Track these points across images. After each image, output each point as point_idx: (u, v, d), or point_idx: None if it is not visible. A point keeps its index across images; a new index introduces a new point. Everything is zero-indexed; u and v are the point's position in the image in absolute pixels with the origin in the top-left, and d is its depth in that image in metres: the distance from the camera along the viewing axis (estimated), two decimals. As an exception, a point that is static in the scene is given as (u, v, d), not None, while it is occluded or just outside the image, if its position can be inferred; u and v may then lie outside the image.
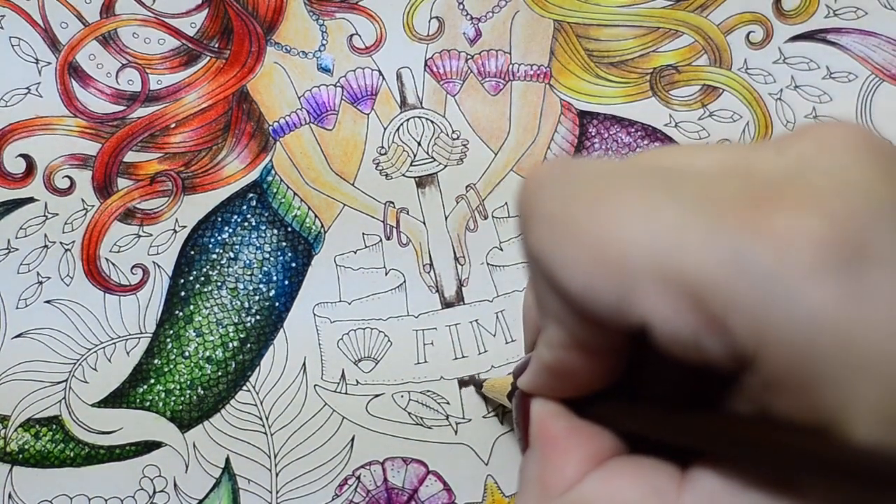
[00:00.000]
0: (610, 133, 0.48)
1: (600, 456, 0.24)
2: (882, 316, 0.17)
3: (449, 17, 0.49)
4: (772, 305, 0.18)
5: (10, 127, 0.47)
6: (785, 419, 0.19)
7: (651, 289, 0.19)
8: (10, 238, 0.46)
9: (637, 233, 0.19)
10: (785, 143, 0.21)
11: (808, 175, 0.19)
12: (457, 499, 0.43)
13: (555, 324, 0.23)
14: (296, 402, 0.44)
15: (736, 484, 0.20)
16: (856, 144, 0.20)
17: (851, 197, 0.18)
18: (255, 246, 0.46)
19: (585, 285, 0.20)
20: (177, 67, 0.48)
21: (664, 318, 0.19)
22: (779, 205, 0.18)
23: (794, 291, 0.18)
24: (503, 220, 0.46)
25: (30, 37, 0.49)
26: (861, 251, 0.18)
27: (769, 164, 0.20)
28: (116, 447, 0.43)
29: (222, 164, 0.47)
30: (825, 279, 0.17)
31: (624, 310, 0.20)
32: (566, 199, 0.21)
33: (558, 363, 0.24)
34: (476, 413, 0.44)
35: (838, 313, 0.17)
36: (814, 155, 0.20)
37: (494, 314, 0.45)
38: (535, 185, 0.22)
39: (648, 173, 0.21)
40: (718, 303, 0.18)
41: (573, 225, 0.20)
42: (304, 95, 0.48)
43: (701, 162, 0.21)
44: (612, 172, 0.21)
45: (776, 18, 0.49)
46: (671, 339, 0.19)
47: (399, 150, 0.47)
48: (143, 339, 0.45)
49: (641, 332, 0.20)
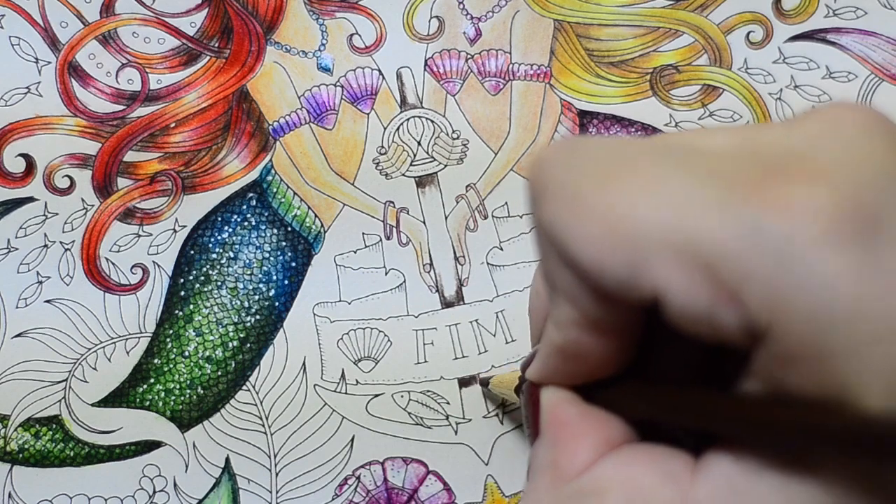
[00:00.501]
0: (610, 133, 0.48)
1: (613, 442, 0.24)
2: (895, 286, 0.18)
3: (449, 17, 0.49)
4: (785, 276, 0.18)
5: (10, 126, 0.47)
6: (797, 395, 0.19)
7: (664, 260, 0.19)
8: (10, 238, 0.46)
9: (650, 205, 0.19)
10: (796, 123, 0.21)
11: (821, 150, 0.19)
12: (457, 499, 0.43)
13: (566, 301, 0.22)
14: (296, 402, 0.44)
15: (750, 467, 0.20)
16: (867, 123, 0.20)
17: (864, 170, 0.18)
18: (255, 245, 0.46)
19: (598, 258, 0.20)
20: (177, 67, 0.48)
21: (678, 290, 0.19)
22: (792, 178, 0.18)
23: (807, 262, 0.18)
24: (503, 219, 0.46)
25: (30, 36, 0.49)
26: (874, 223, 0.18)
27: (781, 141, 0.20)
28: (116, 447, 0.43)
29: (222, 164, 0.47)
30: (838, 250, 0.18)
31: (636, 282, 0.20)
32: (579, 173, 0.21)
33: (569, 344, 0.23)
34: (476, 413, 0.44)
35: (851, 284, 0.17)
36: (825, 132, 0.20)
37: (494, 314, 0.45)
38: (548, 160, 0.22)
39: (661, 149, 0.21)
40: (732, 274, 0.18)
41: (586, 198, 0.20)
42: (304, 95, 0.48)
43: (713, 140, 0.21)
44: (624, 148, 0.21)
45: (776, 18, 0.49)
46: (684, 312, 0.19)
47: (399, 150, 0.47)
48: (143, 338, 0.45)
49: (653, 306, 0.20)
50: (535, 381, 0.27)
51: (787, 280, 0.18)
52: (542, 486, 0.24)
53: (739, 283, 0.18)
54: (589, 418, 0.24)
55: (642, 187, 0.20)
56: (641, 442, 0.24)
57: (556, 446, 0.24)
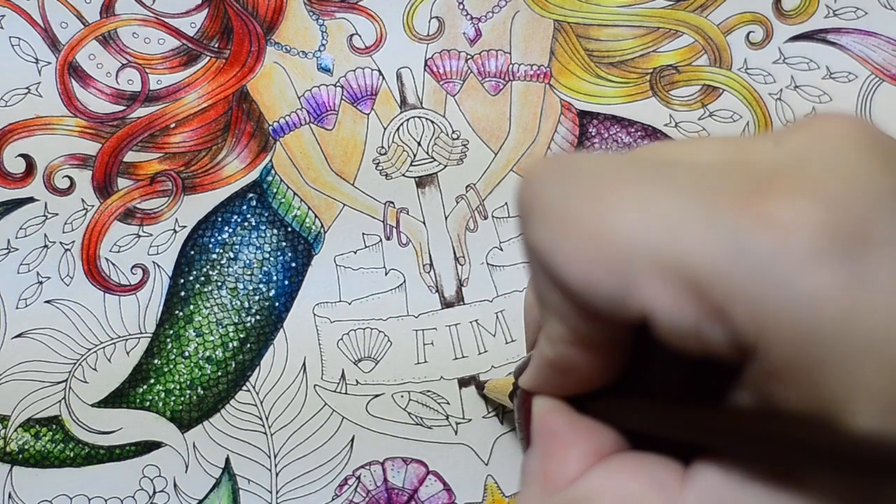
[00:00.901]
0: (610, 133, 0.48)
1: (602, 451, 0.24)
2: (882, 301, 0.17)
3: (449, 17, 0.49)
4: (772, 292, 0.18)
5: (10, 127, 0.47)
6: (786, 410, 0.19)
7: (651, 280, 0.19)
8: (10, 238, 0.46)
9: (636, 224, 0.19)
10: (784, 135, 0.21)
11: (807, 164, 0.19)
12: (457, 499, 0.43)
13: (556, 319, 0.23)
14: (296, 402, 0.44)
15: (738, 478, 0.20)
16: (855, 135, 0.20)
17: (851, 184, 0.18)
18: (255, 246, 0.46)
19: (585, 278, 0.20)
20: (177, 67, 0.48)
21: (665, 309, 0.19)
22: (778, 192, 0.18)
23: (794, 277, 0.18)
24: (503, 220, 0.46)
25: (30, 37, 0.49)
26: (861, 237, 0.18)
27: (768, 155, 0.20)
28: (116, 447, 0.43)
29: (222, 164, 0.47)
30: (825, 265, 0.17)
31: (624, 302, 0.20)
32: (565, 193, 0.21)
33: (560, 359, 0.24)
34: (476, 413, 0.44)
35: (839, 299, 0.17)
36: (813, 145, 0.20)
37: (494, 314, 0.45)
38: (535, 180, 0.22)
39: (646, 166, 0.21)
40: (719, 291, 0.18)
41: (572, 218, 0.20)
42: (303, 95, 0.48)
43: (699, 154, 0.21)
44: (610, 166, 0.21)
45: (776, 18, 0.49)
46: (672, 330, 0.19)
47: (399, 150, 0.47)
48: (143, 339, 0.45)
49: (642, 324, 0.20)
50: (527, 390, 0.27)
51: (773, 296, 0.18)
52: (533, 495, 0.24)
53: (726, 300, 0.18)
54: (579, 428, 0.25)
55: (628, 206, 0.20)
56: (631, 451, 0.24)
57: (546, 456, 0.24)
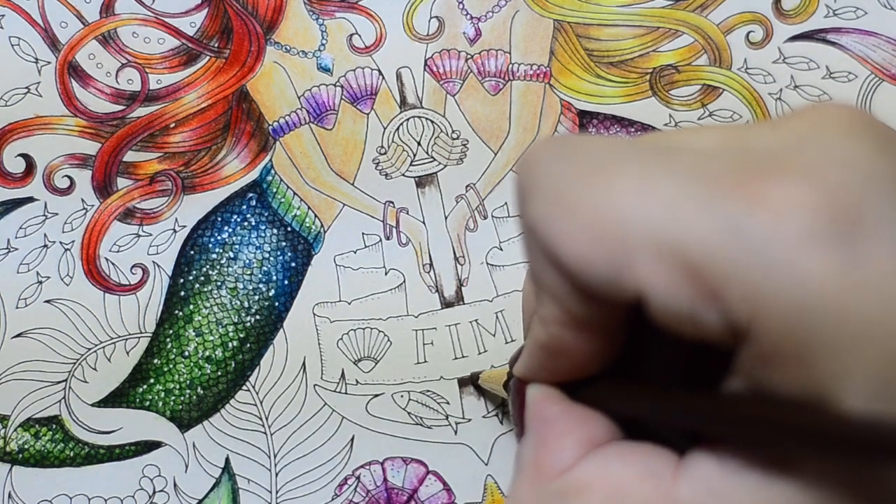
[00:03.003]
0: (610, 133, 0.48)
1: (596, 440, 0.24)
2: (876, 284, 0.17)
3: (449, 17, 0.49)
4: (766, 274, 0.18)
5: (9, 126, 0.47)
6: (779, 394, 0.19)
7: (647, 260, 0.19)
8: (9, 238, 0.46)
9: (633, 204, 0.19)
10: (781, 121, 0.21)
11: (803, 148, 0.19)
12: (457, 499, 0.43)
13: (550, 299, 0.23)
14: (295, 402, 0.44)
15: (732, 466, 0.20)
16: (850, 121, 0.20)
17: (846, 168, 0.18)
18: (255, 245, 0.46)
19: (582, 257, 0.20)
20: (176, 67, 0.48)
21: (660, 289, 0.19)
22: (774, 176, 0.18)
23: (788, 260, 0.18)
24: (503, 219, 0.46)
25: (30, 36, 0.49)
26: (855, 220, 0.18)
27: (765, 140, 0.20)
28: (116, 447, 0.43)
29: (222, 164, 0.47)
30: (820, 248, 0.18)
31: (620, 281, 0.20)
32: (564, 172, 0.21)
33: (553, 341, 0.24)
34: (476, 413, 0.44)
35: (832, 282, 0.17)
36: (809, 131, 0.20)
37: (494, 314, 0.45)
38: (534, 159, 0.22)
39: (646, 149, 0.21)
40: (714, 273, 0.18)
41: (570, 196, 0.20)
42: (303, 95, 0.48)
43: (698, 140, 0.21)
44: (610, 148, 0.21)
45: (776, 18, 0.49)
46: (667, 311, 0.19)
47: (399, 150, 0.47)
48: (143, 338, 0.45)
49: (637, 305, 0.20)
50: (522, 377, 0.27)
51: (767, 278, 0.18)
52: (526, 484, 0.24)
53: (721, 282, 0.18)
54: (573, 416, 0.25)
55: (626, 187, 0.20)
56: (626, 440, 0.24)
57: (540, 445, 0.24)
